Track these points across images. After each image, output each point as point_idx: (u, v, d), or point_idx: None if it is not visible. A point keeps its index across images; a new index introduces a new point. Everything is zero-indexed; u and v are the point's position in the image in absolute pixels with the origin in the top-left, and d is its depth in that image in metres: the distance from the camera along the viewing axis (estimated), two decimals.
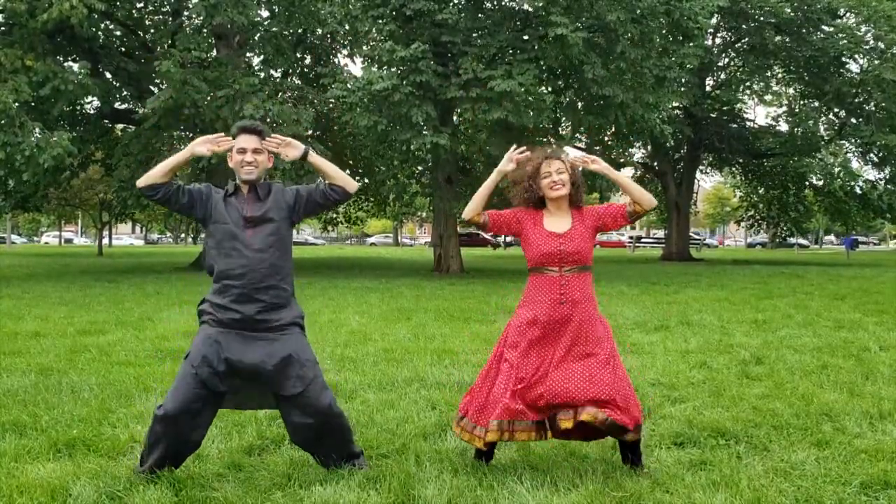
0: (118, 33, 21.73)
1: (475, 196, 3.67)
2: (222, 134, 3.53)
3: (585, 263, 3.54)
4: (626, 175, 3.66)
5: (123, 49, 21.58)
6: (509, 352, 3.51)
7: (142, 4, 21.43)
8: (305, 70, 23.75)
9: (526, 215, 3.64)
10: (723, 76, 31.93)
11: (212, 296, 3.41)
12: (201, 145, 3.44)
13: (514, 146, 3.71)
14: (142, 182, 3.42)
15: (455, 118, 19.13)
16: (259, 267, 3.34)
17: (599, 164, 3.64)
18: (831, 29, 26.94)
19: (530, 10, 17.56)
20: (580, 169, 3.68)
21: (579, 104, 19.65)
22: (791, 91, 32.65)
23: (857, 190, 29.13)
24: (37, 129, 15.73)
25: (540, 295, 3.52)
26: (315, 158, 3.50)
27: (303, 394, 3.33)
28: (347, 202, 28.70)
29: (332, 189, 3.53)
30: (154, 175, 3.41)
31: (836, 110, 28.91)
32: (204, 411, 3.36)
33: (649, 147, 31.57)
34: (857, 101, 27.69)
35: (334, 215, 29.57)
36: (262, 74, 20.11)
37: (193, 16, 19.95)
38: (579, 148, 23.56)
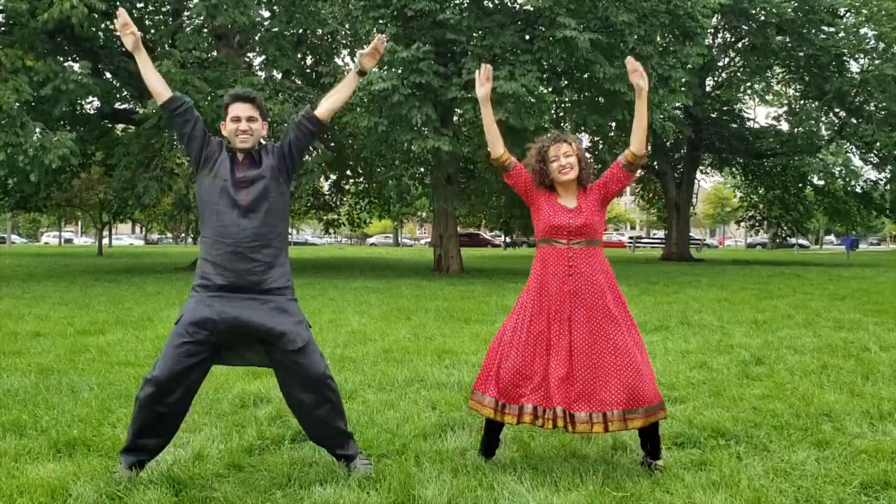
0: (118, 33, 21.71)
1: (487, 135, 3.72)
2: (120, 18, 3.55)
3: (594, 237, 3.58)
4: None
5: (123, 49, 21.56)
6: (517, 333, 3.53)
7: (142, 4, 21.43)
8: (306, 70, 23.75)
9: (540, 188, 3.69)
10: (723, 76, 31.93)
11: (205, 254, 3.38)
12: (126, 38, 3.52)
13: (482, 66, 3.75)
14: (159, 101, 3.47)
15: (455, 118, 19.12)
16: (250, 226, 3.31)
17: (644, 80, 3.59)
18: (832, 29, 26.94)
19: (532, 9, 17.55)
20: (580, 155, 3.67)
21: (580, 103, 19.64)
22: (791, 91, 32.66)
23: (858, 189, 29.17)
24: (38, 130, 15.72)
25: (548, 267, 3.55)
26: (354, 77, 3.61)
27: (299, 353, 3.30)
28: (347, 202, 28.73)
29: (306, 119, 3.52)
30: (157, 92, 3.48)
31: (836, 110, 28.93)
32: (193, 375, 3.32)
33: (649, 147, 31.55)
34: (857, 100, 27.70)
35: (336, 216, 29.52)
36: (263, 74, 20.11)
37: (194, 16, 19.94)
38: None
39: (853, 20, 26.39)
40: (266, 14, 20.10)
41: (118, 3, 19.46)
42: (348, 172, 26.24)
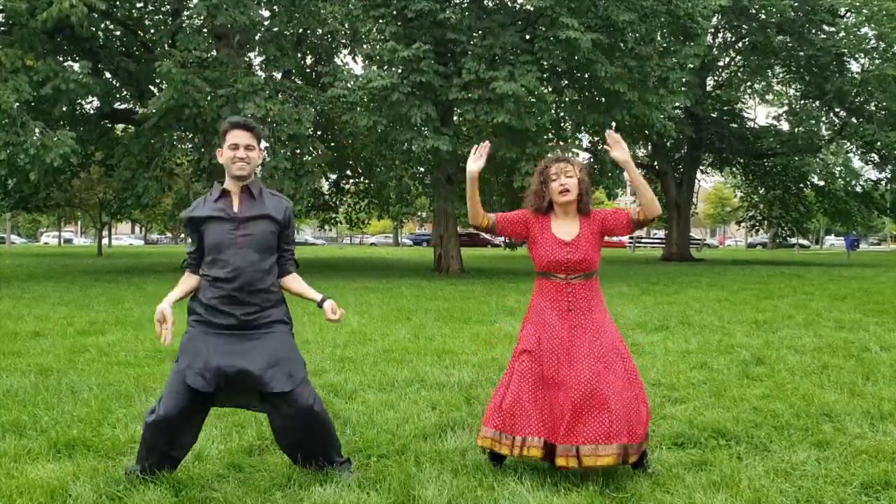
0: (118, 33, 21.72)
1: (468, 203, 3.61)
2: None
3: (591, 270, 3.56)
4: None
5: (123, 49, 21.57)
6: (519, 367, 3.49)
7: (142, 4, 21.42)
8: (306, 70, 23.73)
9: (533, 218, 3.62)
10: (724, 75, 31.93)
11: (202, 294, 3.35)
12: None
13: (476, 146, 3.61)
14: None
15: (455, 118, 19.11)
16: (250, 269, 3.29)
17: (623, 153, 3.48)
18: (833, 28, 26.94)
19: (532, 9, 17.55)
20: (581, 179, 3.61)
21: (580, 103, 19.63)
22: (792, 91, 32.67)
23: (858, 189, 29.19)
24: (37, 129, 15.72)
25: (547, 301, 3.53)
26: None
27: (291, 392, 3.28)
28: (347, 202, 28.79)
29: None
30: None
31: (836, 110, 28.93)
32: (196, 415, 3.34)
33: (650, 147, 31.54)
34: (858, 100, 27.69)
35: (333, 214, 29.50)
36: (263, 74, 20.10)
37: (194, 16, 19.93)
38: (581, 148, 23.53)
39: (853, 20, 26.40)
40: (266, 14, 20.08)
41: (118, 3, 19.58)
42: (348, 172, 26.21)
